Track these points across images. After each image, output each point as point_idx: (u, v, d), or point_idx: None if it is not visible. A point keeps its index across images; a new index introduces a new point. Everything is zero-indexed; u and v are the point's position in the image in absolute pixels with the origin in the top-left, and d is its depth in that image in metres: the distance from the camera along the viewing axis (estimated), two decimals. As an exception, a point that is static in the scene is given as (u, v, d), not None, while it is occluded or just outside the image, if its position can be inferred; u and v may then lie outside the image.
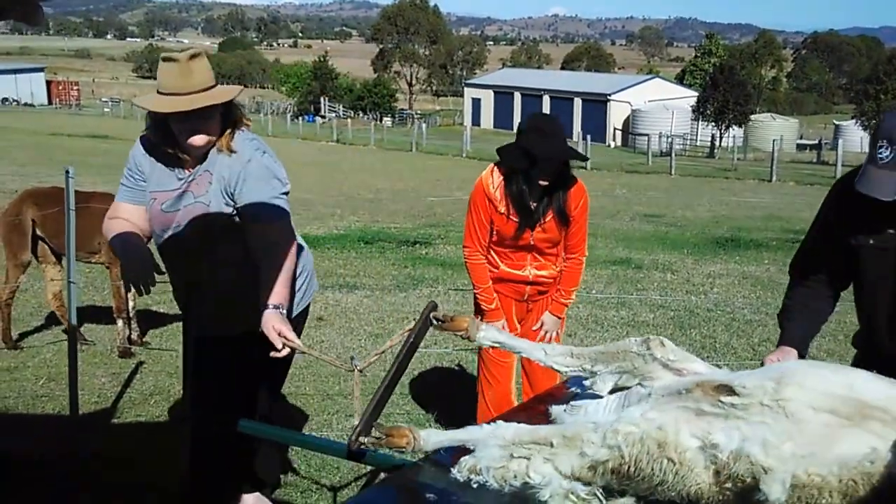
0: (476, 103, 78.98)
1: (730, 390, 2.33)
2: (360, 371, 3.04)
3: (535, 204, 4.34)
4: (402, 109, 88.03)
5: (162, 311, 8.22)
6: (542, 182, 4.26)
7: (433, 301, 2.84)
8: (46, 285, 7.07)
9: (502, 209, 4.34)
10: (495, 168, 4.43)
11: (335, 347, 7.30)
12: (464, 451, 2.60)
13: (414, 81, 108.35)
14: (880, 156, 2.78)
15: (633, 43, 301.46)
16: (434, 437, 2.62)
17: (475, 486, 2.49)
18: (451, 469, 2.55)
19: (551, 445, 2.46)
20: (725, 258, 12.57)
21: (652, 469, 2.31)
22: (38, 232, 6.81)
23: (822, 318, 3.30)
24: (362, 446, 2.66)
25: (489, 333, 2.84)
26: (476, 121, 74.87)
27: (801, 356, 3.09)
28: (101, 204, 6.10)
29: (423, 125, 53.66)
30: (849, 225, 3.04)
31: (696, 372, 2.57)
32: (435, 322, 2.77)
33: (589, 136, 39.61)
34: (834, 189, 3.20)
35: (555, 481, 2.41)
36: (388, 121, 70.64)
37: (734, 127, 52.28)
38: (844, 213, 3.06)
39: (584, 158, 4.41)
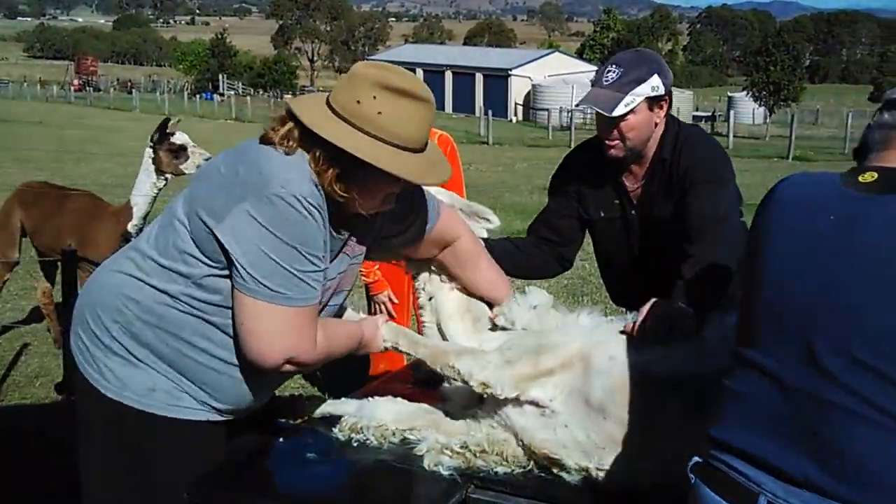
0: (378, 80, 78.58)
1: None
2: None
3: None
4: (304, 86, 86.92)
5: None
6: None
7: None
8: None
9: None
10: None
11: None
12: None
13: (315, 58, 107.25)
14: (606, 78, 2.96)
15: (534, 18, 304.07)
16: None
17: (355, 444, 2.54)
18: (333, 429, 2.60)
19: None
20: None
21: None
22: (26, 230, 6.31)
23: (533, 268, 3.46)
24: None
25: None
26: (379, 97, 74.28)
27: None
28: (78, 204, 5.94)
29: (326, 102, 52.99)
30: (581, 200, 3.29)
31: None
32: None
33: (490, 112, 39.86)
34: (565, 165, 3.41)
35: (431, 437, 2.48)
36: (289, 98, 69.45)
37: (632, 100, 53.24)
38: (576, 189, 3.30)
39: None
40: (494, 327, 2.72)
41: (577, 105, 2.88)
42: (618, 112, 2.93)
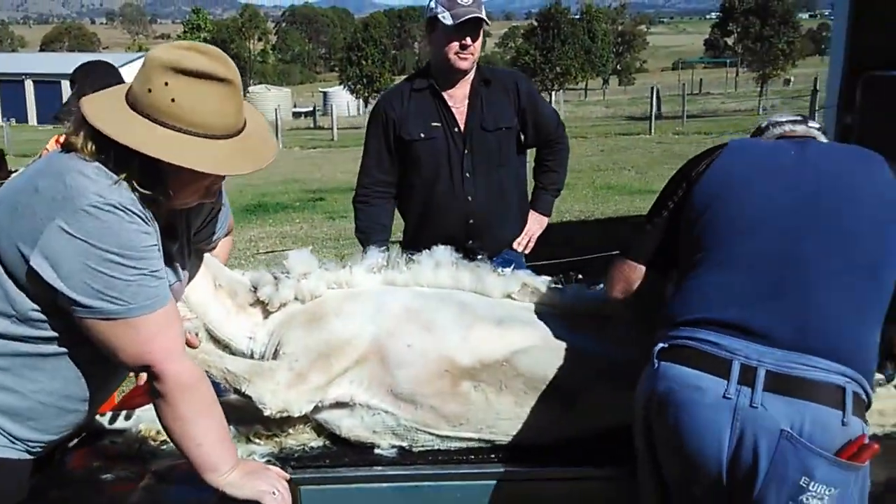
0: (-53, 94, 70.75)
1: None
2: None
3: None
4: None
5: None
6: None
7: None
8: None
9: None
10: (58, 137, 4.28)
11: None
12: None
13: None
14: (464, 1, 3.47)
15: (115, 21, 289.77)
16: None
17: (148, 454, 2.41)
18: (117, 440, 2.48)
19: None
20: (261, 223, 13.11)
21: None
22: None
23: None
24: None
25: None
26: (-49, 113, 66.99)
27: None
28: None
29: None
30: (401, 124, 3.65)
31: None
32: None
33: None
34: (382, 101, 3.80)
35: (232, 428, 2.31)
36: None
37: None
38: (397, 114, 3.65)
39: None
40: (258, 301, 2.51)
41: (456, 23, 3.43)
42: (486, 20, 3.49)
